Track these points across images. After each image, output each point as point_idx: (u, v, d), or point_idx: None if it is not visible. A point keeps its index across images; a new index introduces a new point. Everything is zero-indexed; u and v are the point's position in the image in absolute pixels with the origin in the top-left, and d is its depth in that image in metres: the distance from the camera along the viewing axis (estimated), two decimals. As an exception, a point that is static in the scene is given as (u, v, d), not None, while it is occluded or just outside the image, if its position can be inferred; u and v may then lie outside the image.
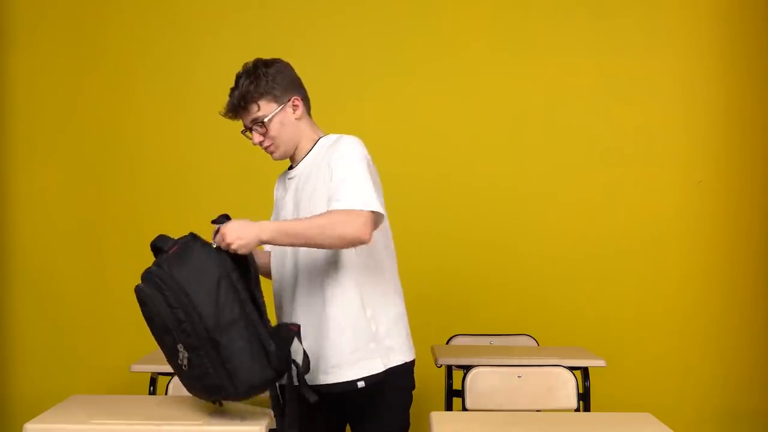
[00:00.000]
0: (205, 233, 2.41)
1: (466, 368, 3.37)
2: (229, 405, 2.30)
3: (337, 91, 4.64)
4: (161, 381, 3.31)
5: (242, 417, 2.22)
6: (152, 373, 3.40)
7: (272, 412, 2.24)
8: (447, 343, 4.14)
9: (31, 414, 2.29)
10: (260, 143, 2.59)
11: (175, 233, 4.82)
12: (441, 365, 3.58)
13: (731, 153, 4.65)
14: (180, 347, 2.14)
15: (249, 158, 4.66)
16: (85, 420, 2.19)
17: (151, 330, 2.25)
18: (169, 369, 3.23)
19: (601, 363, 3.55)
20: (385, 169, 4.64)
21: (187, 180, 4.63)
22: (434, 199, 4.62)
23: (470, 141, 4.66)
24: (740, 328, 4.64)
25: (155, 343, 2.30)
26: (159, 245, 2.39)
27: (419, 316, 4.59)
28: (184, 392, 2.86)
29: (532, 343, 4.14)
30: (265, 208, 4.68)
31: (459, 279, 4.64)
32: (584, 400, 3.43)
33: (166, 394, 3.13)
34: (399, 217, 4.63)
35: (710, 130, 4.65)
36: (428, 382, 4.22)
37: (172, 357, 2.21)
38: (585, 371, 3.53)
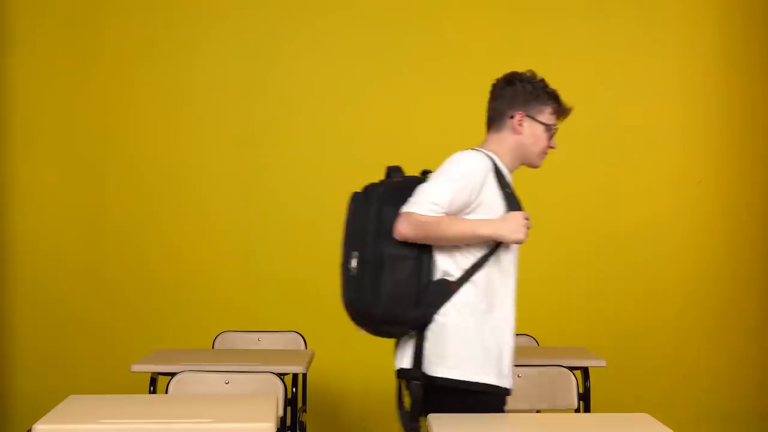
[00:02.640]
0: (205, 233, 2.41)
1: (466, 368, 3.37)
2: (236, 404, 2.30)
3: (337, 90, 4.65)
4: (161, 381, 3.30)
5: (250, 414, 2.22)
6: (152, 373, 3.40)
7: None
8: (447, 343, 4.13)
9: (32, 414, 2.29)
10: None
11: (175, 233, 4.87)
12: (441, 365, 3.57)
13: (731, 153, 4.66)
14: (354, 254, 2.39)
15: (249, 158, 4.69)
16: (93, 420, 2.19)
17: (344, 230, 2.51)
18: (169, 369, 3.26)
19: (601, 363, 3.55)
20: (384, 168, 4.66)
21: (187, 180, 4.63)
22: (434, 199, 4.62)
23: (470, 141, 4.65)
24: (740, 328, 4.64)
25: (155, 343, 2.31)
26: (390, 172, 2.65)
27: (419, 316, 4.61)
28: (185, 392, 2.86)
29: (532, 343, 4.13)
30: (265, 208, 4.69)
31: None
32: (584, 401, 3.43)
33: (166, 393, 3.13)
34: (399, 217, 4.65)
35: (710, 130, 4.65)
36: (428, 382, 4.23)
37: (344, 261, 2.45)
38: (585, 371, 3.53)
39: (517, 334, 4.15)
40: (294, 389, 3.55)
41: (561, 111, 2.64)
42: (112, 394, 2.60)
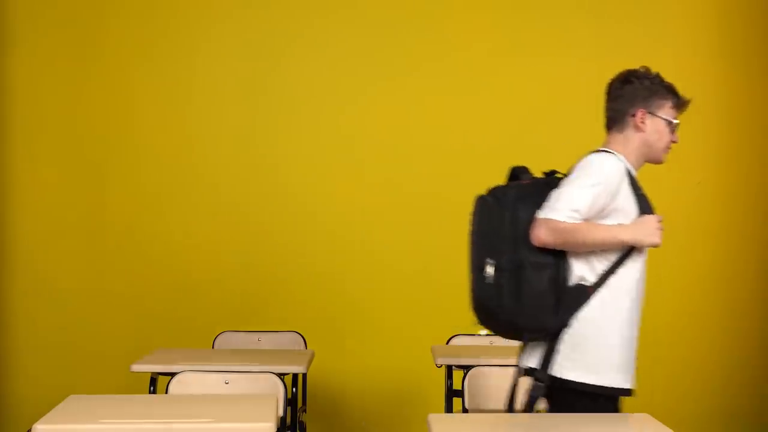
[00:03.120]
0: (205, 233, 2.41)
1: (466, 368, 3.37)
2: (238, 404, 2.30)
3: (338, 90, 4.65)
4: (161, 381, 3.31)
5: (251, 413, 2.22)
6: (152, 373, 3.40)
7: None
8: (447, 343, 4.14)
9: (32, 414, 2.29)
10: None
11: (175, 233, 4.87)
12: (441, 365, 3.58)
13: (731, 153, 4.66)
14: (490, 261, 2.39)
15: (249, 158, 4.69)
16: (93, 420, 2.19)
17: (472, 237, 2.53)
18: (169, 369, 3.26)
19: (601, 363, 3.54)
20: (385, 168, 4.67)
21: (187, 180, 4.63)
22: (434, 199, 4.62)
23: (470, 141, 4.66)
24: (740, 328, 4.64)
25: (155, 342, 2.30)
26: (517, 173, 2.64)
27: (419, 316, 4.62)
28: (185, 392, 2.86)
29: (532, 343, 4.13)
30: (264, 208, 4.69)
31: (459, 279, 4.62)
32: (584, 400, 3.43)
33: (166, 393, 3.13)
34: (398, 217, 4.66)
35: (710, 130, 4.65)
36: (428, 382, 4.23)
37: (478, 267, 2.46)
38: (585, 371, 3.53)
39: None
40: (294, 389, 3.55)
41: (680, 104, 2.62)
42: (112, 394, 2.60)
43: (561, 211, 2.37)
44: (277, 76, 4.65)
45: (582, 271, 2.42)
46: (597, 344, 2.43)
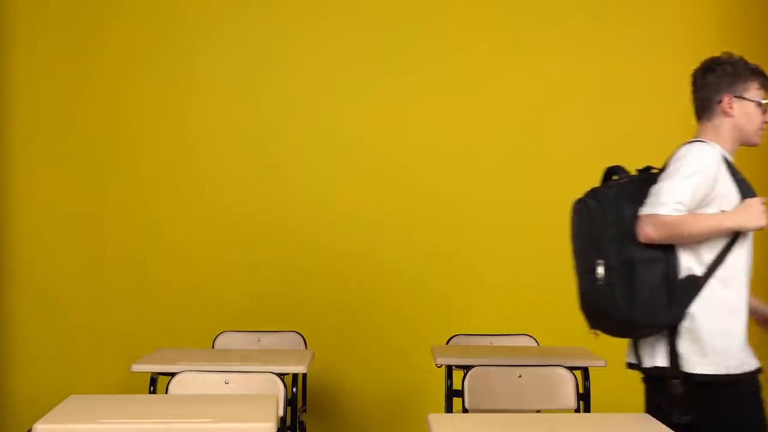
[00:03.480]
0: (205, 233, 2.41)
1: (466, 368, 3.37)
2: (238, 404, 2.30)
3: (338, 91, 4.65)
4: (161, 381, 3.31)
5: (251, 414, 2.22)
6: (152, 373, 3.40)
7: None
8: (447, 343, 4.14)
9: (32, 414, 2.29)
10: None
11: (176, 233, 4.86)
12: (441, 365, 3.58)
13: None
14: (599, 262, 2.42)
15: (249, 158, 4.69)
16: (93, 420, 2.19)
17: (576, 241, 2.61)
18: (169, 369, 3.26)
19: (601, 363, 3.55)
20: (385, 168, 4.67)
21: (187, 180, 4.63)
22: (434, 199, 4.62)
23: (471, 141, 4.66)
24: (740, 328, 4.63)
25: (155, 343, 2.30)
26: (612, 173, 2.68)
27: (419, 316, 4.62)
28: (185, 392, 2.86)
29: (532, 343, 4.14)
30: (264, 208, 4.69)
31: (459, 279, 4.65)
32: (584, 401, 3.43)
33: (166, 393, 3.13)
34: (398, 217, 4.66)
35: (710, 130, 4.65)
36: (428, 382, 4.24)
37: (587, 269, 2.50)
38: (585, 371, 3.53)
39: (517, 334, 4.22)
40: (294, 389, 3.55)
41: (767, 84, 2.63)
42: (112, 394, 2.60)
43: (665, 205, 2.39)
44: (278, 76, 4.65)
45: (690, 262, 2.44)
46: (718, 333, 2.45)
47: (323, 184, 4.63)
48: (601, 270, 2.44)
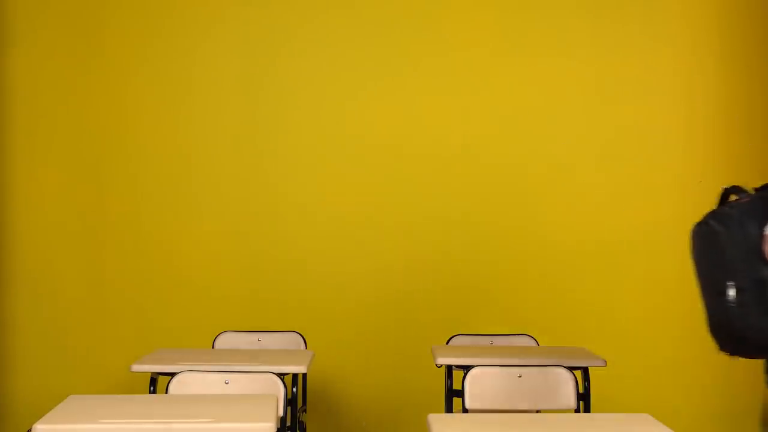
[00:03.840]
0: (205, 232, 2.41)
1: (466, 368, 3.37)
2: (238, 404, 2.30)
3: (337, 89, 4.65)
4: (161, 381, 3.31)
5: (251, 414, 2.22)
6: (152, 373, 3.40)
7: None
8: (447, 343, 4.14)
9: (32, 414, 2.29)
10: None
11: (175, 233, 4.86)
12: (441, 365, 3.58)
13: (731, 153, 4.65)
14: (730, 284, 2.37)
15: (249, 157, 4.69)
16: (93, 420, 2.19)
17: (700, 264, 2.51)
18: (169, 369, 3.26)
19: (601, 363, 3.55)
20: (385, 168, 4.67)
21: (187, 179, 4.63)
22: (433, 199, 4.62)
23: (470, 141, 4.66)
24: (740, 328, 4.63)
25: (155, 343, 2.30)
26: (730, 193, 2.62)
27: (419, 316, 4.62)
28: (185, 392, 2.86)
29: (532, 343, 4.14)
30: (263, 207, 4.69)
31: (459, 279, 4.64)
32: (584, 401, 3.43)
33: (166, 393, 3.13)
34: (399, 217, 4.66)
35: (710, 130, 4.65)
36: (428, 382, 4.23)
37: (717, 292, 2.43)
38: (585, 371, 3.53)
39: (517, 334, 4.22)
40: (294, 389, 3.55)
41: None
42: (112, 394, 2.60)
43: None
44: (276, 73, 4.65)
45: None
46: None
47: (323, 183, 4.63)
48: (732, 292, 2.41)
